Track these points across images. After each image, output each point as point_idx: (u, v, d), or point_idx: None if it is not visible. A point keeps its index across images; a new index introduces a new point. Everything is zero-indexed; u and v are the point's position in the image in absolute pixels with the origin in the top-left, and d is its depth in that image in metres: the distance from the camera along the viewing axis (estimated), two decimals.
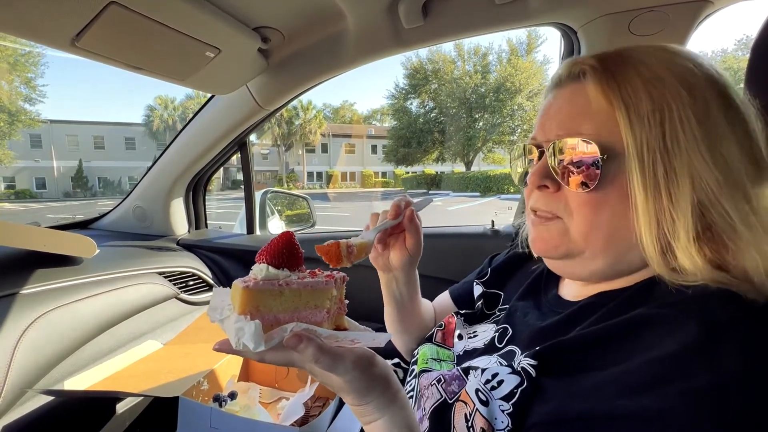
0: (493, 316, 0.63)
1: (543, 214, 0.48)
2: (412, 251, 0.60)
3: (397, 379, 0.42)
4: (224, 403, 0.87)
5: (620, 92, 0.41)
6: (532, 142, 0.50)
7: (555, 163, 0.45)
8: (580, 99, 0.45)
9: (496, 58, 25.05)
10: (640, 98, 0.40)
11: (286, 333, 0.35)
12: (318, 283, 0.39)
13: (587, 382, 0.37)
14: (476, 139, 24.31)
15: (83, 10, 0.66)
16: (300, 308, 0.38)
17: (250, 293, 0.36)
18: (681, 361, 0.33)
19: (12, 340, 0.69)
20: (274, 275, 0.37)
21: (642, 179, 0.40)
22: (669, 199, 0.39)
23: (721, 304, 0.35)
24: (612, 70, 0.43)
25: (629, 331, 0.38)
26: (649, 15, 0.85)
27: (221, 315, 0.37)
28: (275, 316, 0.37)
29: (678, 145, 0.39)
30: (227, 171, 32.26)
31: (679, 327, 0.35)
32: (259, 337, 0.33)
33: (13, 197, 27.56)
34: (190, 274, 1.22)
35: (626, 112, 0.40)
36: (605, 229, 0.43)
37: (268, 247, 0.39)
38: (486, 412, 0.40)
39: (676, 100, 0.39)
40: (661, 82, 0.40)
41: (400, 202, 0.59)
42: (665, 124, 0.39)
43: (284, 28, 0.93)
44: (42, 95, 24.24)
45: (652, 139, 0.39)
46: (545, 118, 0.49)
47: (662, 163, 0.39)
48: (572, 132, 0.44)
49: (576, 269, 0.48)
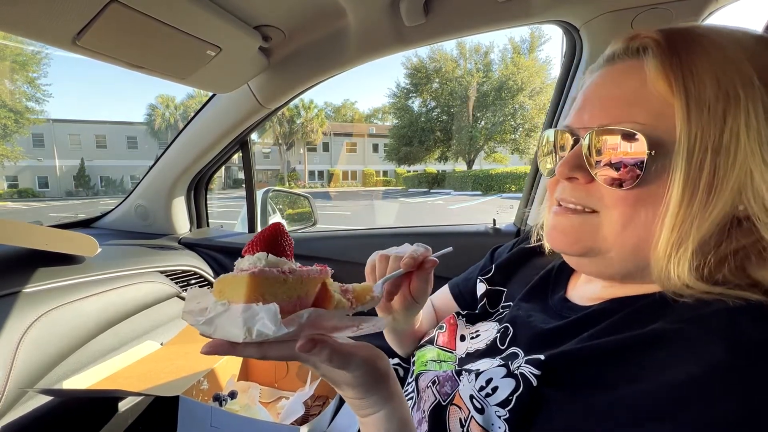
0: (496, 314, 0.61)
1: (570, 205, 0.43)
2: (417, 298, 0.52)
3: (394, 373, 0.41)
4: (224, 402, 0.87)
5: (683, 74, 0.35)
6: (566, 129, 0.45)
7: (592, 154, 0.40)
8: (632, 80, 0.39)
9: (498, 56, 25.08)
10: (704, 83, 0.35)
11: (302, 319, 0.32)
12: (317, 271, 0.37)
13: (598, 401, 0.34)
14: (477, 138, 24.27)
15: (84, 8, 0.66)
16: (302, 297, 0.36)
17: (257, 280, 0.32)
18: (705, 386, 0.29)
19: (14, 338, 0.70)
20: (275, 262, 0.35)
21: (683, 181, 0.35)
22: (702, 206, 0.34)
23: (752, 322, 0.31)
24: (679, 48, 0.37)
25: (645, 347, 0.34)
26: (652, 12, 0.84)
27: (210, 313, 0.33)
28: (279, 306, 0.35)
29: (737, 142, 0.34)
30: (229, 170, 32.30)
31: (700, 345, 0.31)
32: (277, 319, 0.30)
33: (16, 196, 27.66)
34: (191, 273, 1.23)
35: (686, 98, 0.35)
36: (640, 230, 0.39)
37: (262, 237, 0.36)
38: (482, 420, 0.39)
39: (747, 89, 0.34)
40: (732, 66, 0.35)
41: (416, 254, 0.49)
42: (727, 116, 0.34)
43: (285, 27, 0.92)
44: (47, 95, 24.42)
45: (708, 133, 0.34)
46: (585, 101, 0.43)
47: (710, 165, 0.34)
48: (618, 120, 0.39)
49: (596, 268, 0.44)
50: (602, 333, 0.39)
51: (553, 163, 0.48)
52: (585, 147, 0.41)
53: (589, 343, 0.38)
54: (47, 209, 18.99)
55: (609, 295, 0.45)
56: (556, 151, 0.47)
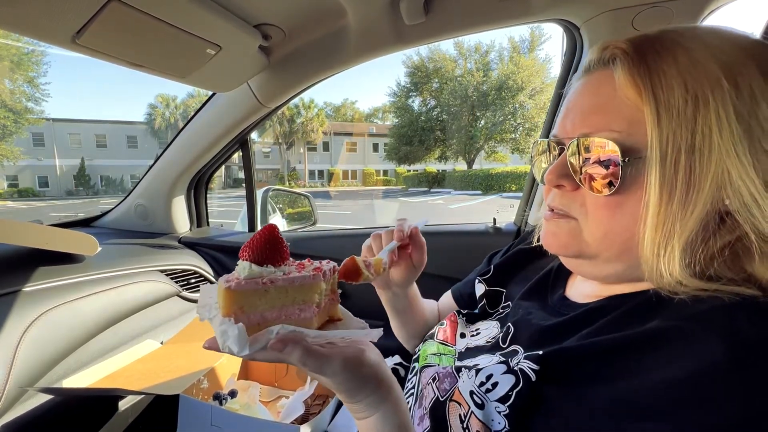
0: (496, 314, 0.62)
1: (558, 211, 0.45)
2: (417, 263, 0.62)
3: (390, 376, 0.41)
4: (224, 401, 0.87)
5: (651, 81, 0.36)
6: (553, 138, 0.47)
7: (574, 161, 0.41)
8: (605, 89, 0.40)
9: (497, 55, 25.02)
10: (672, 87, 0.35)
11: (272, 335, 0.34)
12: (305, 278, 0.37)
13: (597, 397, 0.34)
14: (478, 137, 24.26)
15: (84, 7, 0.66)
16: (287, 305, 0.37)
17: (233, 294, 0.34)
18: (705, 385, 0.29)
19: (14, 337, 0.70)
20: (257, 273, 0.35)
21: (659, 182, 0.35)
22: (682, 205, 0.35)
23: (748, 319, 0.31)
24: (645, 54, 0.38)
25: (643, 344, 0.35)
26: (653, 11, 0.84)
27: (209, 313, 0.35)
28: (261, 315, 0.36)
29: (709, 143, 0.34)
30: (229, 169, 32.30)
31: (698, 343, 0.32)
32: (243, 340, 0.32)
33: (16, 195, 27.68)
34: (191, 272, 1.23)
35: (655, 104, 0.36)
36: (622, 234, 0.40)
37: (251, 243, 0.37)
38: (482, 415, 0.39)
39: (715, 90, 0.34)
40: (699, 69, 0.35)
41: (402, 225, 0.60)
42: (697, 118, 0.34)
43: (285, 26, 0.92)
44: (46, 94, 24.41)
45: (679, 135, 0.35)
46: (566, 111, 0.45)
47: (685, 165, 0.35)
48: (593, 129, 0.40)
49: (590, 270, 0.46)
50: (600, 330, 0.40)
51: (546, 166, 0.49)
52: (569, 156, 0.42)
53: (588, 340, 0.39)
54: (47, 208, 19.00)
55: (606, 292, 0.45)
56: (548, 158, 0.49)
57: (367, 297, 0.88)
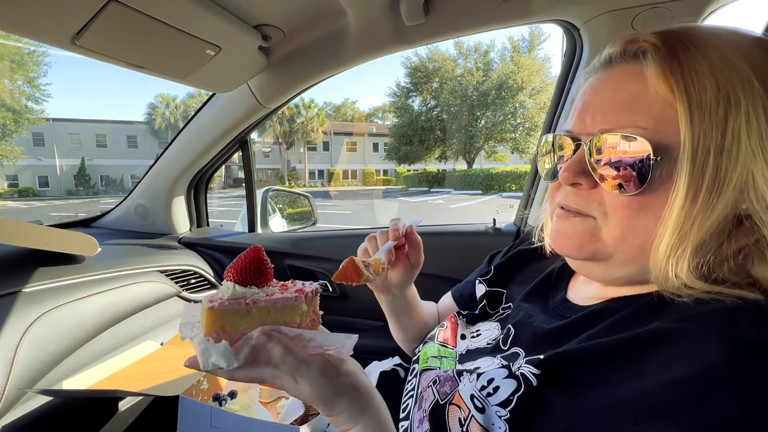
0: (496, 315, 0.62)
1: (573, 210, 0.43)
2: (414, 262, 0.63)
3: (369, 386, 0.40)
4: (224, 402, 0.87)
5: (683, 78, 0.35)
6: (567, 134, 0.44)
7: (594, 159, 0.39)
8: (632, 85, 0.39)
9: (497, 55, 25.04)
10: (704, 87, 0.34)
11: (252, 339, 0.35)
12: (287, 300, 0.38)
13: (598, 400, 0.34)
14: (478, 137, 24.26)
15: (83, 8, 0.66)
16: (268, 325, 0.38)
17: (215, 314, 0.35)
18: (706, 386, 0.29)
19: (14, 338, 0.70)
20: (240, 294, 0.36)
21: (687, 183, 0.34)
22: (704, 207, 0.34)
23: (751, 322, 0.31)
24: (676, 50, 0.37)
25: (644, 347, 0.34)
26: (653, 12, 0.84)
27: (191, 332, 0.37)
28: (242, 335, 0.36)
29: (738, 143, 0.34)
30: (229, 169, 32.31)
31: (699, 343, 0.31)
32: (229, 355, 0.34)
33: (16, 195, 27.70)
34: (191, 273, 1.23)
35: (688, 102, 0.35)
36: (642, 236, 0.38)
37: (235, 264, 0.38)
38: (482, 419, 0.38)
39: (746, 91, 0.34)
40: (731, 69, 0.35)
41: (397, 224, 0.60)
42: (728, 119, 0.34)
43: (285, 26, 0.92)
44: (46, 94, 24.42)
45: (710, 136, 0.34)
46: (585, 105, 0.43)
47: (712, 167, 0.34)
48: (620, 125, 0.38)
49: (600, 272, 0.44)
50: (602, 333, 0.39)
51: (552, 166, 0.48)
52: (587, 152, 0.40)
53: (589, 343, 0.38)
54: (47, 208, 18.99)
55: (609, 294, 0.45)
56: (557, 155, 0.47)
57: (366, 298, 0.88)
